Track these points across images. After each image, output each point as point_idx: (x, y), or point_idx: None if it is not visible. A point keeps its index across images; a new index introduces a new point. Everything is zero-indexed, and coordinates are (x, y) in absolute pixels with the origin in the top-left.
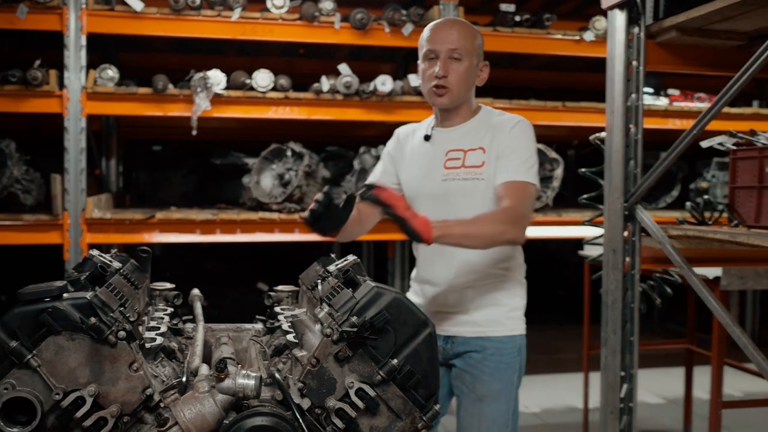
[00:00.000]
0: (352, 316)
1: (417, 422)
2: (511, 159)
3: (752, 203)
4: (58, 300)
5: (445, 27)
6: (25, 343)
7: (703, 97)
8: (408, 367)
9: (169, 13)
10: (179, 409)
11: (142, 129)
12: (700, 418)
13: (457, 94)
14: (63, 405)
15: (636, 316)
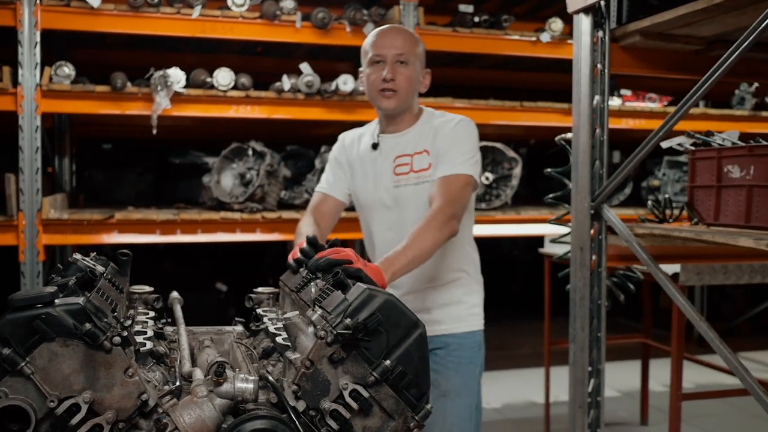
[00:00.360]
0: (345, 318)
1: (409, 422)
2: (448, 155)
3: (711, 202)
4: (51, 306)
5: (390, 33)
6: (18, 350)
7: (654, 97)
8: (400, 368)
9: (127, 9)
10: (178, 414)
11: (95, 127)
12: (655, 409)
13: (404, 97)
14: (57, 412)
15: (603, 312)
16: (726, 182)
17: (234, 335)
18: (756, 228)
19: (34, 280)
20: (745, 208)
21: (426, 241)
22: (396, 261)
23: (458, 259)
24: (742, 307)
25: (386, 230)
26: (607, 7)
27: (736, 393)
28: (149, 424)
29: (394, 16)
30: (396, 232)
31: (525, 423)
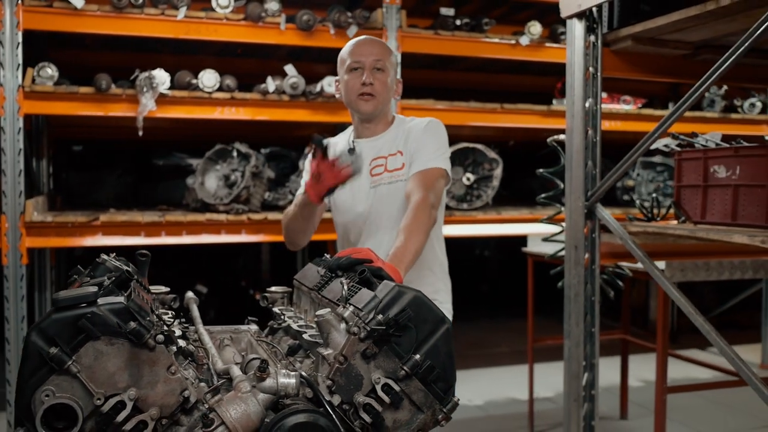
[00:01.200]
0: (377, 315)
1: (437, 414)
2: (421, 152)
3: (698, 201)
4: (94, 305)
5: (367, 42)
6: (64, 349)
7: (629, 99)
8: (429, 362)
9: (111, 10)
10: (224, 409)
11: (73, 129)
12: (633, 404)
13: (381, 101)
14: (103, 410)
15: (597, 308)
16: (712, 182)
17: (250, 334)
18: (742, 226)
19: (17, 284)
20: (732, 206)
21: (420, 232)
22: (404, 257)
23: (425, 257)
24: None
25: (362, 230)
26: (599, 12)
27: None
28: (190, 420)
29: (378, 19)
30: (372, 231)
31: (508, 419)
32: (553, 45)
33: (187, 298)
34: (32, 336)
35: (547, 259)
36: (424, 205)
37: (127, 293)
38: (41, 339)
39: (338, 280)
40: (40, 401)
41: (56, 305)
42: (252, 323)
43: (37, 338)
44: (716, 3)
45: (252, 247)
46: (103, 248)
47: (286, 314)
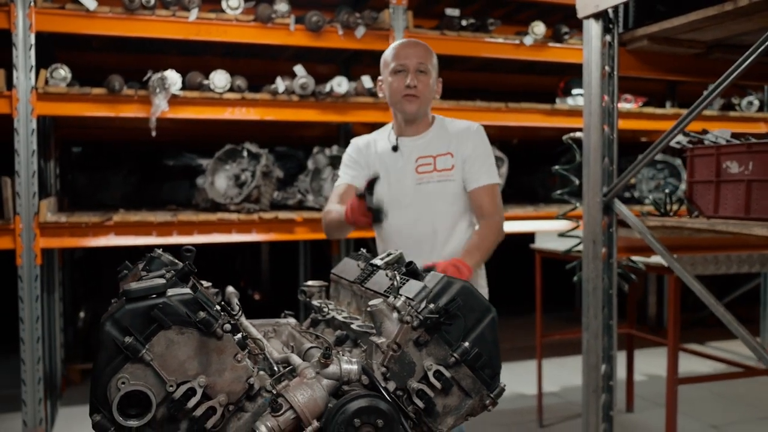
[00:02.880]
0: (428, 304)
1: (485, 399)
2: (477, 164)
3: (710, 196)
4: (164, 296)
5: (411, 45)
6: (138, 339)
7: (630, 98)
8: (476, 349)
9: (122, 12)
10: (292, 394)
11: (78, 130)
12: (638, 398)
13: (424, 102)
14: (175, 396)
15: (614, 301)
16: (725, 177)
17: (290, 326)
18: (755, 219)
19: (32, 284)
20: (745, 201)
21: (490, 242)
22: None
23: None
24: None
25: (402, 224)
26: (615, 13)
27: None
28: (254, 406)
29: (385, 20)
30: (413, 225)
31: (517, 413)
32: (556, 45)
33: (228, 292)
34: (107, 326)
35: (563, 253)
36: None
37: (191, 285)
38: (116, 329)
39: (382, 272)
40: (116, 388)
41: (128, 296)
42: (289, 317)
43: (112, 328)
44: (734, 3)
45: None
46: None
47: (329, 306)
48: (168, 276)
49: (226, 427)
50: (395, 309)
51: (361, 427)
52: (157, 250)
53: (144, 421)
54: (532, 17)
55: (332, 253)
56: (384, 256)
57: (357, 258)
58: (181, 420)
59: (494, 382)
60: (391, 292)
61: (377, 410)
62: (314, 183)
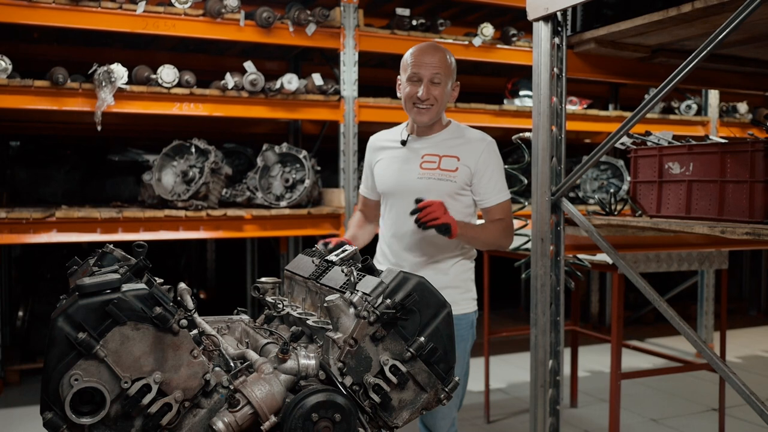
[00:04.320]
0: (385, 299)
1: (439, 393)
2: (492, 181)
3: (653, 195)
4: (119, 291)
5: (429, 53)
6: (92, 335)
7: (575, 100)
8: (432, 344)
9: (67, 3)
10: (250, 389)
11: (17, 124)
12: (581, 393)
13: (435, 113)
14: (130, 393)
15: (561, 298)
16: (667, 178)
17: (244, 323)
18: (695, 219)
19: None
20: (686, 201)
21: (492, 234)
22: (469, 228)
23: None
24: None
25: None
26: (564, 16)
27: (665, 371)
28: (210, 402)
29: (336, 18)
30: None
31: (464, 409)
32: (505, 47)
33: (181, 289)
34: (59, 322)
35: (512, 250)
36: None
37: (145, 281)
38: (69, 325)
39: (337, 268)
40: (68, 385)
41: (82, 291)
42: (242, 313)
43: (65, 324)
44: (677, 9)
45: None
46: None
47: (284, 302)
48: (122, 271)
49: (181, 424)
50: (352, 304)
51: (318, 422)
52: (109, 245)
53: (97, 418)
54: (481, 18)
55: (281, 251)
56: (338, 252)
57: (311, 254)
58: (135, 417)
59: (449, 376)
60: (348, 288)
61: (335, 405)
62: (263, 180)
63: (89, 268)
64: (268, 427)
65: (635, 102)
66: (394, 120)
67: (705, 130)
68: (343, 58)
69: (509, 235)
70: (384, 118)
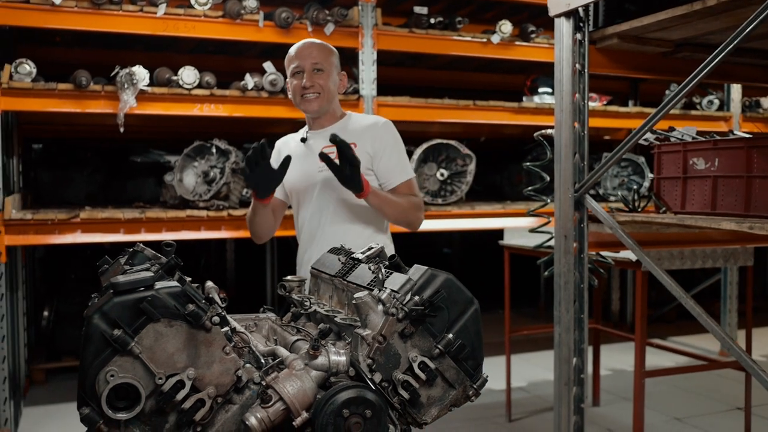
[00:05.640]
0: (413, 296)
1: (468, 390)
2: (391, 161)
3: (677, 192)
4: (152, 289)
5: (306, 46)
6: (127, 332)
7: (594, 96)
8: (460, 341)
9: (89, 6)
10: (281, 385)
11: (41, 126)
12: (603, 392)
13: (325, 99)
14: (164, 389)
15: (585, 295)
16: (691, 173)
17: (270, 320)
18: (721, 215)
19: None
20: (711, 197)
21: (401, 205)
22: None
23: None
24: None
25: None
26: (586, 11)
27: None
28: (242, 398)
29: (354, 17)
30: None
31: (486, 408)
32: (523, 43)
33: (208, 287)
34: (95, 319)
35: (534, 249)
36: (419, 203)
37: (177, 278)
38: (104, 322)
39: (364, 266)
40: (104, 381)
41: (116, 289)
42: (269, 311)
43: (100, 321)
44: (702, 3)
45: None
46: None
47: (311, 300)
48: (154, 270)
49: (214, 420)
50: (380, 301)
51: (349, 418)
52: (140, 244)
53: (133, 413)
54: (499, 16)
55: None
56: (365, 250)
57: (337, 252)
58: (169, 413)
59: (477, 373)
60: (376, 285)
61: (365, 401)
62: None
63: (120, 267)
64: (300, 422)
65: (655, 98)
66: (414, 118)
67: (728, 125)
68: (362, 57)
69: (419, 210)
70: (403, 117)
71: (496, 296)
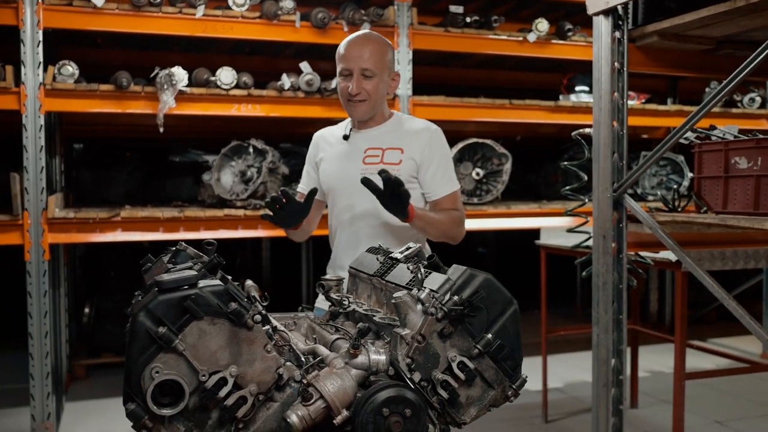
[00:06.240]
0: (452, 296)
1: (507, 390)
2: (439, 172)
3: (719, 191)
4: (196, 287)
5: (357, 46)
6: (171, 329)
7: (632, 95)
8: (499, 341)
9: (129, 9)
10: (322, 384)
11: (82, 127)
12: (641, 393)
13: (372, 105)
14: (207, 386)
15: (624, 296)
16: (733, 173)
17: (309, 319)
18: (764, 215)
19: (40, 280)
20: (754, 196)
21: (445, 223)
22: (423, 213)
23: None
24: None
25: (346, 212)
26: (625, 9)
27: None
28: (283, 396)
29: (390, 17)
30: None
31: (522, 409)
32: (560, 42)
33: (248, 286)
34: (140, 317)
35: (572, 249)
36: (459, 218)
37: (219, 277)
38: (149, 319)
39: (402, 265)
40: (149, 377)
41: (161, 287)
42: (307, 310)
43: (146, 319)
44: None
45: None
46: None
47: (350, 299)
48: (197, 268)
49: (255, 417)
50: (419, 301)
51: (389, 416)
52: (182, 243)
53: (177, 410)
54: (535, 14)
55: None
56: (403, 249)
57: (375, 252)
58: (212, 409)
59: (516, 373)
60: (415, 285)
61: (405, 400)
62: None
63: (164, 266)
64: (341, 420)
65: (695, 96)
66: (449, 117)
67: None
68: (397, 56)
69: (461, 225)
70: (438, 116)
71: (532, 296)
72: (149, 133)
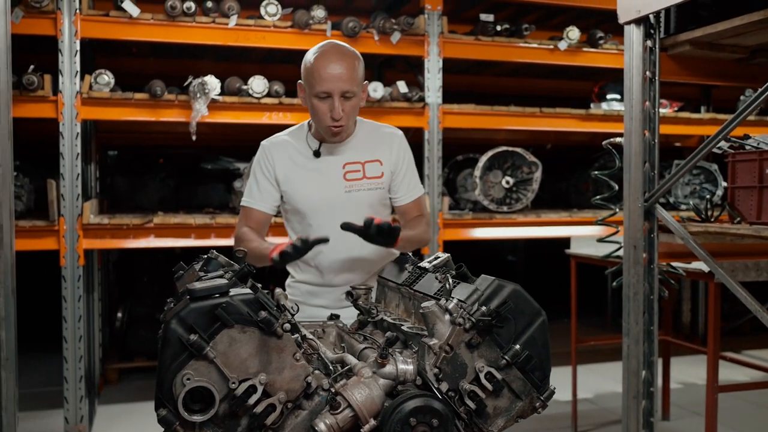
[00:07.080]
0: (480, 306)
1: (535, 402)
2: (407, 176)
3: (753, 201)
4: (227, 296)
5: (335, 63)
6: (203, 336)
7: (665, 103)
8: (527, 352)
9: (164, 19)
10: (350, 393)
11: (116, 134)
12: (673, 406)
13: (350, 128)
14: (237, 393)
15: (655, 307)
16: None
17: (337, 327)
18: None
19: (74, 284)
20: None
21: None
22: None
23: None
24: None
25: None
26: (657, 18)
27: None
28: (311, 404)
29: (420, 25)
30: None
31: (552, 419)
32: (591, 50)
33: (277, 294)
34: (172, 324)
35: (602, 259)
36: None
37: (250, 285)
38: (181, 327)
39: (431, 275)
40: (181, 384)
41: (193, 296)
42: (335, 318)
43: (178, 326)
44: None
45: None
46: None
47: (378, 308)
48: (228, 276)
49: (284, 424)
50: (447, 311)
51: (416, 426)
52: (213, 251)
53: (207, 416)
54: (566, 22)
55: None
56: (432, 259)
57: (404, 261)
58: (241, 416)
59: (544, 384)
60: (443, 295)
61: (432, 410)
62: None
63: (195, 273)
64: (368, 429)
65: (729, 104)
66: (479, 126)
67: None
68: (428, 65)
69: (429, 228)
70: (468, 124)
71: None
72: (182, 141)
